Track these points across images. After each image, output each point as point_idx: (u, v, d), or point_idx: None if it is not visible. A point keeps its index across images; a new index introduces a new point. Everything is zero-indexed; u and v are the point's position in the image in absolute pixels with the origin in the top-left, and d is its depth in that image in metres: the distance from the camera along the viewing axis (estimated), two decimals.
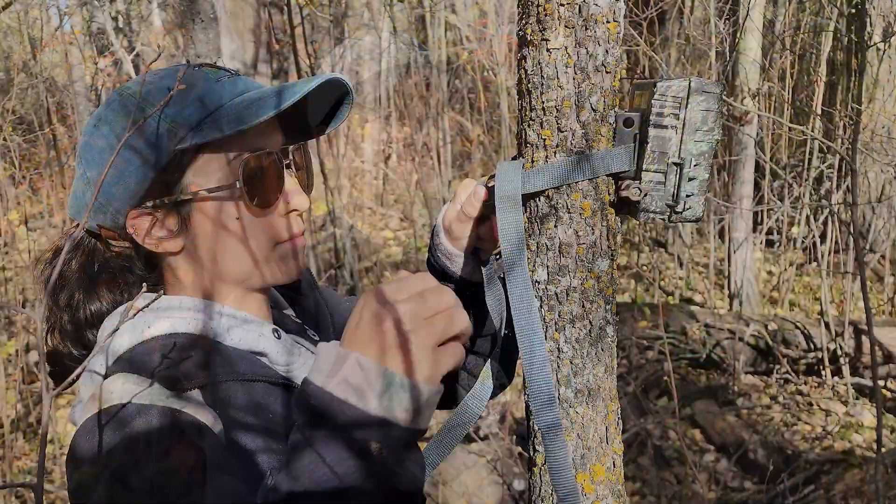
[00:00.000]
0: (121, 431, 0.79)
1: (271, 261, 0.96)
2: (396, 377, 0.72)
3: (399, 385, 0.72)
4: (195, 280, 0.96)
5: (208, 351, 0.91)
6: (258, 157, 0.92)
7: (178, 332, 0.91)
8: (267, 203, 0.93)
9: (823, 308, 5.21)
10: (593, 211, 0.95)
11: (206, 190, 0.90)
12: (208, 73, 0.93)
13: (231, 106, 0.89)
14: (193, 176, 0.90)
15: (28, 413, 4.71)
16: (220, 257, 0.94)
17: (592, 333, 0.98)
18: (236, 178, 0.91)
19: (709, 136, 0.95)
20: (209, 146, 0.89)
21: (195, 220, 0.92)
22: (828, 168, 6.18)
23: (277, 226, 0.95)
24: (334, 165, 6.67)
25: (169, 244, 0.93)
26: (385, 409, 0.72)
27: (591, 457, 0.98)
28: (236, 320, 0.96)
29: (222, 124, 0.87)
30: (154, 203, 0.91)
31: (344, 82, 0.96)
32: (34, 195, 8.57)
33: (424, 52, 8.30)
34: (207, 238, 0.93)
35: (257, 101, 0.88)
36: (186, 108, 0.88)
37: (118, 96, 0.93)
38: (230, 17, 3.08)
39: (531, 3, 0.93)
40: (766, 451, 4.22)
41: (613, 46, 0.94)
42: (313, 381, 0.74)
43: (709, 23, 6.15)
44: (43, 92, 7.65)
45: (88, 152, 0.93)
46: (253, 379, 0.91)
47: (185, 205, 0.91)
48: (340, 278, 5.98)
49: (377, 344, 0.73)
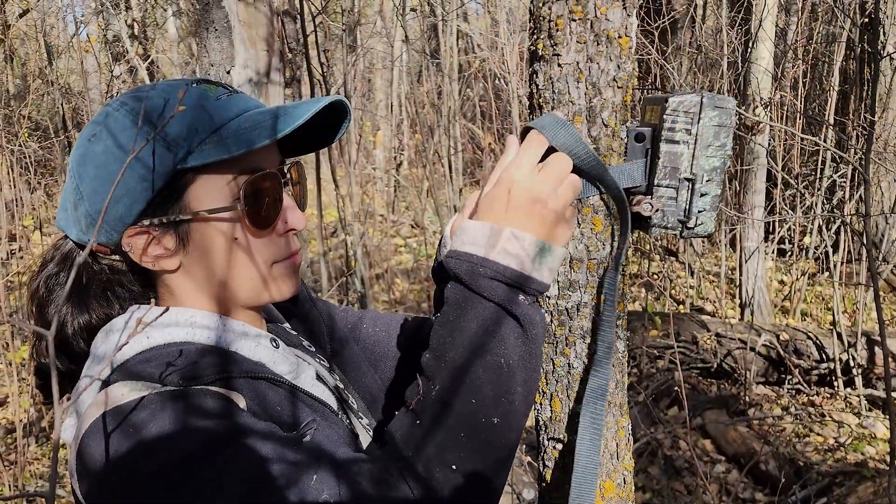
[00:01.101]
0: (152, 421, 0.79)
1: (269, 280, 0.96)
2: (545, 244, 0.87)
3: (547, 250, 0.87)
4: (192, 297, 0.96)
5: (218, 353, 0.91)
6: (259, 178, 0.92)
7: (178, 342, 0.91)
8: (266, 224, 0.93)
9: (836, 318, 5.18)
10: (604, 226, 0.96)
11: (206, 210, 0.90)
12: (208, 91, 0.92)
13: (233, 126, 0.88)
14: (193, 195, 0.90)
15: (41, 417, 4.74)
16: (219, 276, 0.93)
17: (602, 349, 0.98)
18: (236, 198, 0.90)
19: (721, 151, 0.94)
20: (209, 166, 0.89)
21: (194, 240, 0.92)
22: (840, 178, 6.15)
23: (275, 245, 0.95)
24: (345, 172, 6.69)
25: (166, 262, 0.93)
26: (536, 271, 0.86)
27: (601, 473, 0.98)
28: (234, 333, 0.96)
29: (225, 145, 0.87)
30: (151, 221, 0.90)
31: (344, 104, 0.96)
32: (49, 200, 8.64)
33: (436, 60, 8.32)
34: (206, 257, 0.92)
35: (261, 124, 0.88)
36: (187, 127, 0.87)
37: (117, 110, 0.92)
38: (244, 26, 3.09)
39: (543, 18, 0.94)
40: (778, 462, 4.19)
41: (625, 62, 0.94)
42: (475, 252, 0.87)
43: (721, 32, 6.14)
44: (59, 99, 7.70)
45: (83, 165, 0.91)
46: (263, 377, 0.91)
47: (184, 224, 0.91)
48: (351, 285, 5.99)
49: (522, 214, 0.87)
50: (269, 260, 0.95)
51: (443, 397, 0.83)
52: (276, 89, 3.62)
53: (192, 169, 0.88)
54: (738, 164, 6.36)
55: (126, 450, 0.78)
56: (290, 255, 0.98)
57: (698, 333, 5.39)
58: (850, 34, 6.12)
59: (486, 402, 0.82)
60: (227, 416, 0.81)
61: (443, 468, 0.80)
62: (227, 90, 0.94)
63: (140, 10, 10.03)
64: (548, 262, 0.87)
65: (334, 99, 0.93)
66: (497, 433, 0.82)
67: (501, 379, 0.83)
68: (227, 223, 0.91)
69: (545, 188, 0.87)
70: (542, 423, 1.02)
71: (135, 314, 0.94)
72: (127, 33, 8.64)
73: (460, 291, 0.86)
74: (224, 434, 0.79)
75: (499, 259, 0.85)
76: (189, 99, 0.89)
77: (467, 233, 0.88)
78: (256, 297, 0.96)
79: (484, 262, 0.85)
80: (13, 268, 6.15)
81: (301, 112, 0.88)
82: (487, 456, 0.82)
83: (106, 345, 0.92)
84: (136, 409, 0.80)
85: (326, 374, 1.08)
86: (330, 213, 8.49)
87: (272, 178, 0.93)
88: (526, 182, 0.87)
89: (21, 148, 6.60)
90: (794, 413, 4.87)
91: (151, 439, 0.77)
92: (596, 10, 0.91)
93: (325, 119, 0.97)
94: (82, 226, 0.93)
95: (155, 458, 0.77)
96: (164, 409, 0.80)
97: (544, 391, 1.01)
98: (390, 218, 9.46)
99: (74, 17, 7.52)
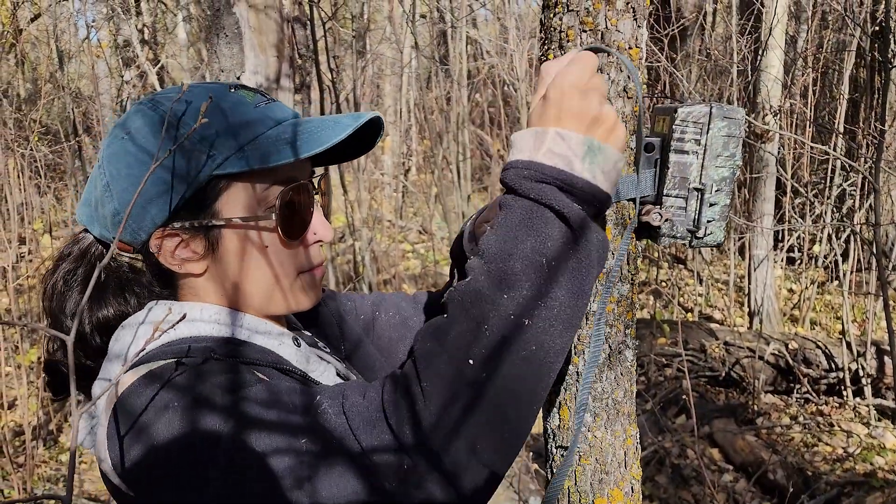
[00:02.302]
0: (188, 383, 0.80)
1: (294, 289, 0.96)
2: (595, 142, 0.81)
3: (597, 149, 0.81)
4: (217, 299, 0.96)
5: (235, 344, 0.92)
6: (294, 189, 0.92)
7: (202, 336, 0.92)
8: (298, 234, 0.94)
9: (845, 327, 5.15)
10: (614, 236, 0.96)
11: (239, 218, 0.90)
12: (245, 97, 0.92)
13: (271, 136, 0.89)
14: (226, 202, 0.90)
15: (49, 420, 4.76)
16: (244, 283, 0.94)
17: (611, 357, 0.98)
18: (270, 208, 0.91)
19: (730, 161, 0.94)
20: (245, 174, 0.89)
21: (223, 246, 0.92)
22: (850, 186, 6.12)
23: (303, 256, 0.96)
24: (354, 178, 6.71)
25: (193, 266, 0.93)
26: (588, 170, 0.81)
27: (609, 481, 0.98)
28: (257, 331, 0.96)
29: (262, 155, 0.87)
30: (183, 225, 0.90)
31: (380, 120, 0.97)
32: (58, 204, 8.69)
33: (445, 66, 8.33)
34: (233, 264, 0.93)
35: (299, 136, 0.88)
36: (225, 133, 0.88)
37: (150, 109, 0.91)
38: (254, 33, 3.11)
39: (553, 29, 0.94)
40: (786, 471, 4.16)
41: (635, 72, 0.94)
42: (520, 157, 0.82)
43: (730, 39, 6.14)
44: (69, 103, 7.76)
45: (114, 163, 0.91)
46: (277, 367, 0.91)
47: (215, 229, 0.91)
48: (358, 290, 6.00)
49: (570, 117, 0.82)
50: (295, 270, 0.96)
51: (487, 356, 0.75)
52: (286, 95, 3.63)
53: (228, 176, 0.88)
54: (747, 172, 6.34)
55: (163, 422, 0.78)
56: (315, 266, 0.99)
57: (706, 342, 5.37)
58: (861, 42, 6.11)
59: (526, 352, 0.76)
60: (252, 387, 0.81)
61: (472, 466, 0.75)
62: (265, 98, 0.94)
63: (150, 15, 10.09)
64: (599, 162, 0.81)
65: (373, 115, 0.94)
66: (529, 397, 0.77)
67: (544, 294, 0.77)
68: (259, 231, 0.91)
69: (595, 94, 0.83)
70: (551, 431, 1.02)
71: (152, 311, 0.94)
72: (137, 38, 8.69)
73: (511, 199, 0.82)
74: (243, 420, 0.78)
75: (544, 160, 0.81)
76: (227, 104, 0.90)
77: (515, 143, 0.85)
78: (277, 305, 0.97)
79: (529, 165, 0.81)
80: (23, 271, 6.19)
81: (341, 128, 0.89)
82: (514, 444, 0.78)
83: (121, 343, 0.92)
84: (172, 377, 0.81)
85: (347, 373, 1.08)
86: (338, 219, 8.52)
87: (305, 190, 0.94)
88: (574, 88, 0.83)
89: (31, 152, 6.65)
90: (803, 422, 4.85)
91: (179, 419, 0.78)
92: (606, 22, 0.91)
93: (359, 131, 0.98)
94: (107, 223, 0.93)
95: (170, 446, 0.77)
96: (197, 380, 0.80)
97: (552, 399, 1.01)
98: (398, 223, 9.48)
99: (85, 22, 7.58)
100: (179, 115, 0.88)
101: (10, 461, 3.76)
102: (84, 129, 8.83)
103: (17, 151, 6.43)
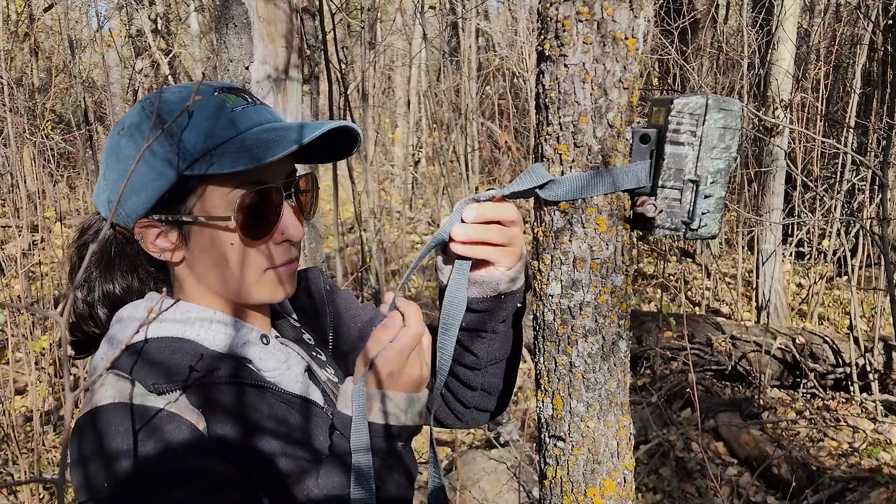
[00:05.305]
0: (108, 432, 0.90)
1: (262, 284, 1.02)
2: (412, 396, 0.99)
3: (415, 400, 1.00)
4: (194, 288, 1.04)
5: (192, 355, 0.98)
6: (257, 193, 0.97)
7: (170, 337, 0.99)
8: (260, 235, 1.00)
9: (853, 323, 5.13)
10: (608, 226, 0.96)
11: (205, 217, 0.97)
12: (226, 101, 0.97)
13: (243, 140, 0.94)
14: (197, 200, 0.97)
15: (60, 406, 4.81)
16: (213, 275, 1.01)
17: (605, 348, 0.98)
18: (233, 209, 0.96)
19: (726, 153, 0.95)
20: (214, 176, 0.95)
21: (194, 240, 0.99)
22: (860, 181, 6.09)
23: (270, 253, 1.02)
24: (363, 169, 6.71)
25: (170, 255, 1.01)
26: (412, 419, 0.99)
27: (601, 471, 0.98)
28: (225, 326, 1.03)
29: (229, 159, 0.92)
30: (160, 217, 0.98)
31: (355, 130, 1.03)
32: (71, 192, 8.74)
33: (455, 58, 8.32)
34: (203, 258, 1.00)
35: (267, 141, 0.93)
36: (202, 135, 0.94)
37: (146, 108, 0.99)
38: (263, 23, 3.11)
39: (550, 19, 0.94)
40: (791, 466, 4.16)
41: (632, 63, 0.94)
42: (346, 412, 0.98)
43: (742, 32, 6.10)
44: (81, 92, 7.80)
45: (112, 157, 1.00)
46: (228, 382, 0.98)
47: (186, 224, 0.99)
48: (366, 281, 6.01)
49: (392, 380, 0.98)
50: (261, 267, 1.01)
51: None
52: (295, 86, 3.63)
53: (198, 176, 0.95)
54: (757, 165, 6.31)
55: (88, 458, 0.90)
56: (284, 263, 1.03)
57: (713, 335, 5.36)
58: (873, 36, 6.06)
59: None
60: (177, 450, 0.90)
61: None
62: (245, 101, 0.99)
63: (163, 5, 10.10)
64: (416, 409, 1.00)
65: (342, 124, 0.99)
66: None
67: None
68: (223, 231, 0.98)
69: (400, 359, 0.97)
70: (544, 420, 1.03)
71: (147, 298, 1.05)
72: (149, 28, 8.71)
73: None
74: (164, 474, 0.88)
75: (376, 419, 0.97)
76: (207, 108, 0.96)
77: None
78: (246, 298, 1.03)
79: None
80: (35, 258, 6.24)
81: (307, 133, 0.94)
82: None
83: (118, 326, 1.02)
84: (106, 416, 0.91)
85: (318, 370, 1.14)
86: (347, 210, 8.53)
87: (271, 192, 0.99)
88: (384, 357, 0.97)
89: (44, 140, 6.69)
90: (809, 417, 4.84)
91: (111, 453, 0.88)
92: (602, 12, 0.91)
93: (343, 133, 1.02)
94: (105, 209, 1.03)
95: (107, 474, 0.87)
96: (126, 428, 0.90)
97: (546, 389, 1.01)
98: (407, 215, 9.48)
99: (97, 12, 7.60)
100: (161, 116, 0.96)
101: (18, 446, 3.80)
102: (96, 119, 8.86)
103: (30, 140, 6.47)
